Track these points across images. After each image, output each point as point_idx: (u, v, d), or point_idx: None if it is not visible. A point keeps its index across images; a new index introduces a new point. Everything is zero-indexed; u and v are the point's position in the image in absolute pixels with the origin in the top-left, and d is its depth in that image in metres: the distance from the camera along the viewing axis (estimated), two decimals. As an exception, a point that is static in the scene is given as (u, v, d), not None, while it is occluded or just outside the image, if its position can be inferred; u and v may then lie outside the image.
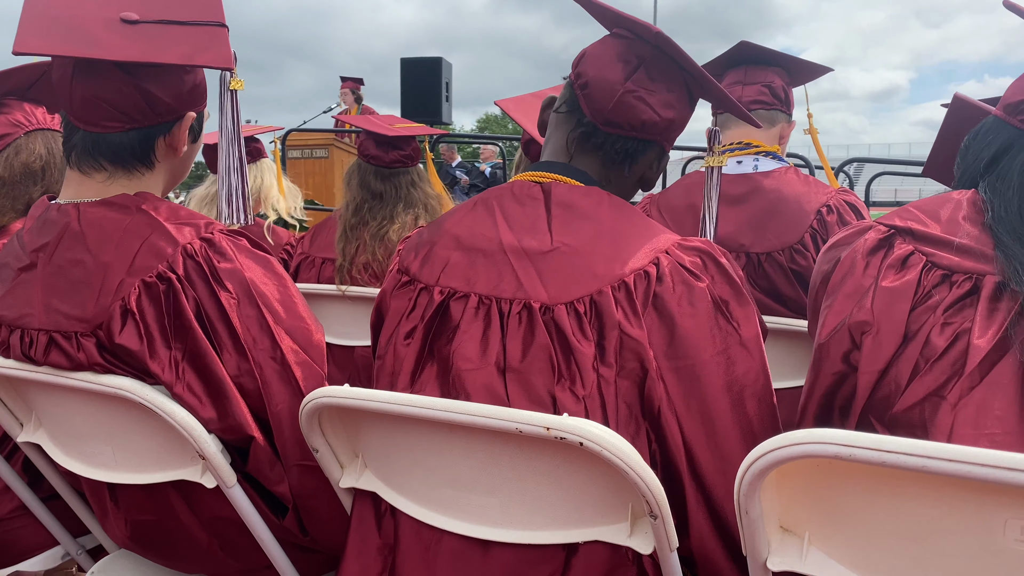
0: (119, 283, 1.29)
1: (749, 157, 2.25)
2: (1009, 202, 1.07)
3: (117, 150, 1.38)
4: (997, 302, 1.00)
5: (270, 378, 1.34)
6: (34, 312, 1.33)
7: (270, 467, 1.36)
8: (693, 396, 1.15)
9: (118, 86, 1.33)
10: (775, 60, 2.34)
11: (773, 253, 2.10)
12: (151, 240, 1.32)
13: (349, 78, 9.44)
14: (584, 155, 1.33)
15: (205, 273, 1.32)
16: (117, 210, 1.35)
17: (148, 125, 1.39)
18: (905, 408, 1.03)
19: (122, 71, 1.33)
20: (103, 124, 1.35)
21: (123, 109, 1.35)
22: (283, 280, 1.43)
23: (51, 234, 1.35)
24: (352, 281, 2.81)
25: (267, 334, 1.35)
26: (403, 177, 2.92)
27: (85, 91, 1.33)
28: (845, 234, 1.24)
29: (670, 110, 1.30)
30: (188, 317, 1.30)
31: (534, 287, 1.18)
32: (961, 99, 1.54)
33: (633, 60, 1.28)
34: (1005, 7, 1.22)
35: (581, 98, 1.30)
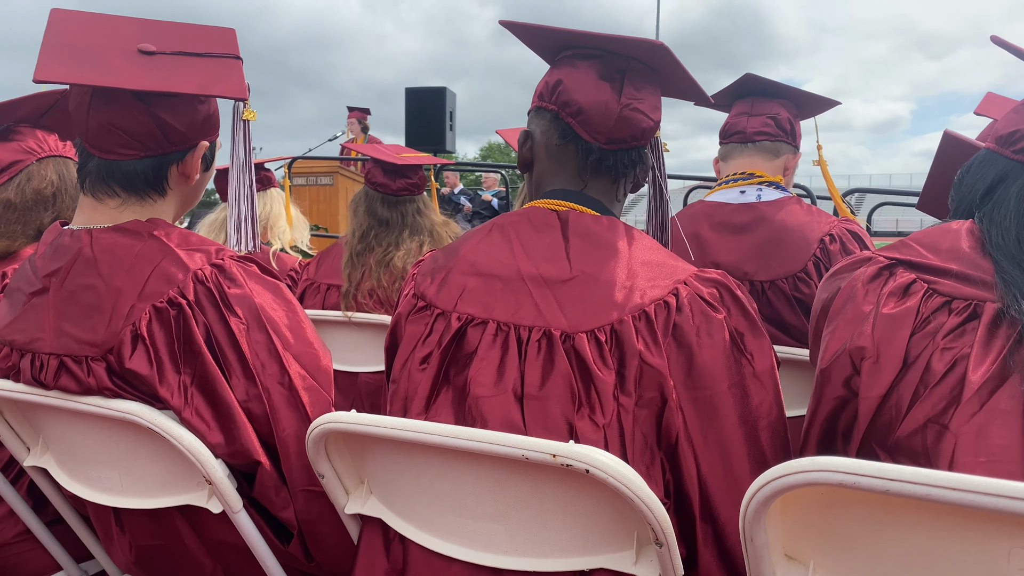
0: (130, 308, 1.30)
1: (752, 187, 2.27)
2: (1007, 230, 1.09)
3: (131, 177, 1.40)
4: (996, 328, 1.02)
5: (278, 403, 1.34)
6: (45, 336, 1.34)
7: (276, 492, 1.36)
8: (711, 428, 1.15)
9: (134, 114, 1.36)
10: (782, 93, 2.37)
11: (777, 281, 2.11)
12: (162, 266, 1.34)
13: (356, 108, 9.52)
14: (598, 179, 1.35)
15: (215, 298, 1.34)
16: (129, 236, 1.37)
17: (161, 153, 1.41)
18: (906, 434, 1.03)
19: (138, 100, 1.35)
20: (118, 151, 1.38)
21: (138, 137, 1.37)
22: (292, 305, 1.45)
23: (64, 259, 1.36)
24: (357, 307, 2.82)
25: (275, 359, 1.36)
26: (409, 205, 2.95)
27: (101, 119, 1.35)
28: (845, 263, 1.26)
29: (657, 111, 1.35)
30: (198, 342, 1.31)
31: (554, 315, 1.19)
32: (951, 136, 1.57)
33: (615, 76, 1.31)
34: (993, 42, 1.25)
35: (576, 125, 1.32)
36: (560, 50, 1.38)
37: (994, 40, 1.26)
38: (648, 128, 1.33)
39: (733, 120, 2.38)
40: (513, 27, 1.39)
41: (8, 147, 1.89)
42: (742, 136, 2.33)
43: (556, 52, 1.39)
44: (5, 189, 1.87)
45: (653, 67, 1.35)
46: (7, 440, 1.51)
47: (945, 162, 1.57)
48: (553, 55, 1.40)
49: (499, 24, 1.42)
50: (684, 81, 1.37)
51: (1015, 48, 1.24)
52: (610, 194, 1.37)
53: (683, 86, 1.40)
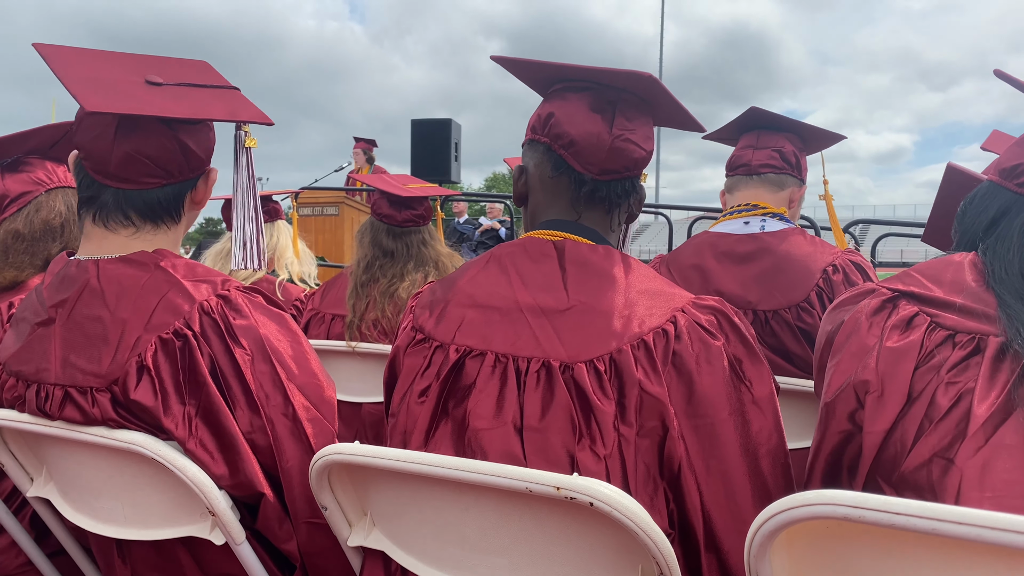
0: (136, 339, 1.31)
1: (756, 218, 2.28)
2: (1010, 263, 1.09)
3: (151, 205, 1.43)
4: (1000, 362, 1.02)
5: (282, 434, 1.35)
6: (51, 367, 1.34)
7: (279, 524, 1.35)
8: (713, 456, 1.15)
9: (162, 142, 1.38)
10: (788, 126, 2.39)
11: (780, 311, 2.11)
12: (168, 297, 1.35)
13: (362, 139, 9.59)
14: (592, 209, 1.36)
15: (221, 330, 1.35)
16: (136, 267, 1.38)
17: (182, 180, 1.44)
18: (912, 468, 1.03)
19: (166, 127, 1.38)
20: (142, 180, 1.40)
21: (163, 164, 1.40)
22: (296, 336, 1.46)
23: (70, 290, 1.37)
24: (362, 337, 2.82)
25: (280, 390, 1.36)
26: (414, 236, 2.96)
27: (129, 148, 1.37)
28: (849, 295, 1.26)
29: (649, 141, 1.36)
30: (203, 373, 1.31)
31: (552, 345, 1.19)
32: (954, 168, 1.58)
33: (607, 108, 1.33)
34: (996, 76, 1.26)
35: (568, 157, 1.33)
36: (552, 83, 1.40)
37: (997, 74, 1.28)
38: (640, 158, 1.35)
39: (739, 153, 2.40)
40: (505, 62, 1.41)
41: (18, 178, 1.92)
42: (747, 168, 2.35)
43: (548, 85, 1.41)
44: (14, 220, 1.89)
45: (644, 98, 1.36)
46: (11, 470, 1.51)
47: (949, 194, 1.58)
48: (545, 88, 1.42)
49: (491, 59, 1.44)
50: (675, 110, 1.39)
51: (1018, 82, 1.26)
52: (604, 224, 1.38)
53: (674, 115, 1.42)
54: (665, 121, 1.45)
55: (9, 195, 1.89)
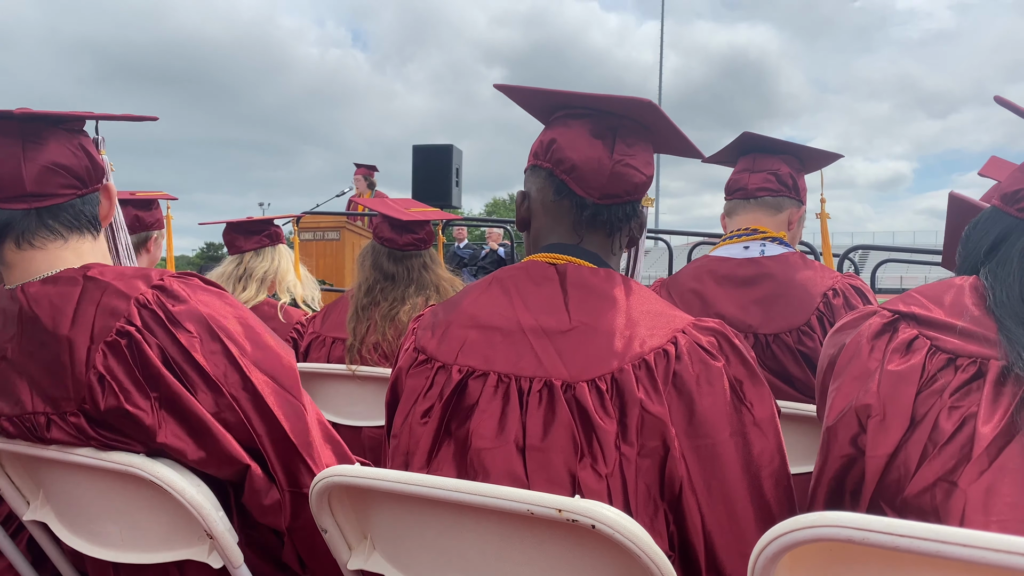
0: (87, 353, 1.29)
1: (756, 242, 2.29)
2: (1010, 287, 1.10)
3: (75, 213, 1.42)
4: (1002, 386, 1.01)
5: (247, 409, 1.34)
6: (24, 398, 1.33)
7: (265, 495, 1.35)
8: (714, 477, 1.15)
9: (71, 150, 1.39)
10: (783, 148, 2.41)
11: (781, 334, 2.12)
12: (104, 302, 1.33)
13: (363, 165, 9.64)
14: (594, 233, 1.37)
15: (161, 318, 1.33)
16: (63, 283, 1.35)
17: (90, 191, 1.45)
18: (915, 493, 1.02)
19: (70, 133, 1.40)
20: (60, 192, 1.39)
21: (77, 172, 1.41)
22: (241, 311, 1.45)
23: (12, 323, 1.35)
24: (362, 361, 2.82)
25: (235, 367, 1.35)
26: (415, 260, 2.97)
27: (43, 160, 1.36)
28: (850, 318, 1.26)
29: (649, 166, 1.38)
30: (155, 365, 1.30)
31: (554, 365, 1.20)
32: (956, 197, 1.59)
33: (607, 133, 1.34)
34: (996, 102, 1.27)
35: (570, 182, 1.35)
36: (553, 110, 1.42)
37: (997, 100, 1.29)
38: (641, 183, 1.36)
39: (736, 177, 2.42)
40: (507, 90, 1.43)
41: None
42: (744, 192, 2.37)
43: (550, 113, 1.43)
44: None
45: (644, 124, 1.38)
46: (7, 493, 1.50)
47: (955, 221, 1.59)
48: (547, 115, 1.44)
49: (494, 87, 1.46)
50: (674, 136, 1.41)
51: (1018, 108, 1.27)
52: (606, 248, 1.39)
53: (674, 141, 1.43)
54: (665, 147, 1.47)
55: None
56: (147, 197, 3.05)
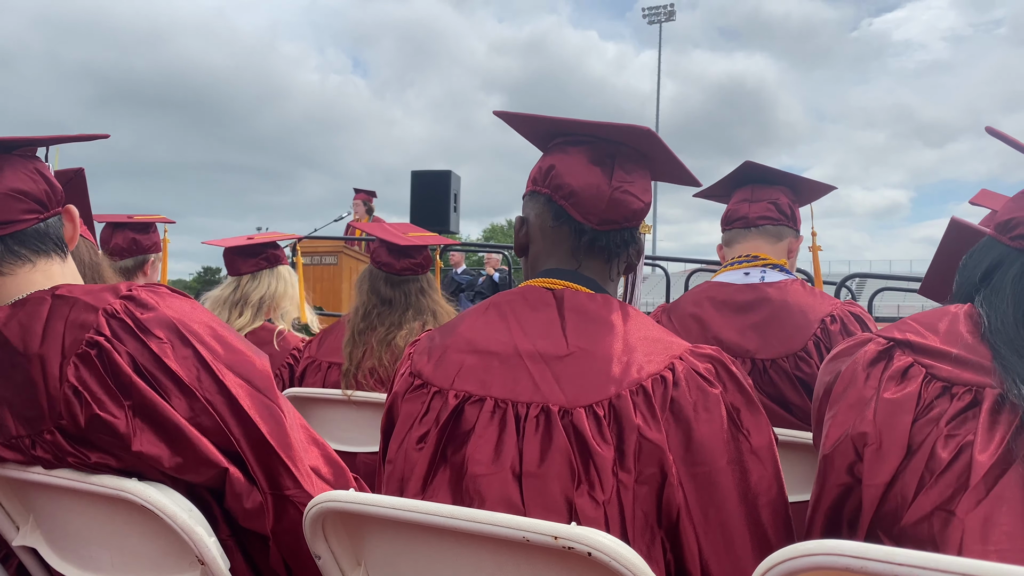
0: (59, 368, 1.29)
1: (756, 268, 2.31)
2: (1004, 314, 1.10)
3: (40, 236, 1.42)
4: (998, 414, 1.01)
5: (223, 413, 1.33)
6: (8, 424, 1.32)
7: (246, 497, 1.34)
8: (711, 505, 1.14)
9: (28, 175, 1.40)
10: (780, 179, 2.44)
11: (778, 360, 2.12)
12: (72, 316, 1.33)
13: (362, 190, 9.68)
14: (592, 260, 1.38)
15: (130, 327, 1.33)
16: (32, 304, 1.36)
17: (52, 214, 1.45)
18: (913, 522, 1.02)
19: (24, 158, 1.41)
20: (22, 218, 1.39)
21: (36, 197, 1.40)
22: (209, 316, 1.45)
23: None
24: (358, 386, 2.81)
25: (208, 371, 1.35)
26: (412, 284, 2.97)
27: (1, 188, 1.36)
28: (845, 346, 1.26)
29: (647, 193, 1.39)
30: (127, 373, 1.29)
31: (551, 390, 1.19)
32: (958, 222, 1.60)
33: (606, 160, 1.35)
34: (988, 133, 1.29)
35: (569, 207, 1.36)
36: (552, 137, 1.43)
37: (989, 131, 1.30)
38: (639, 209, 1.37)
39: (734, 207, 2.43)
40: (507, 116, 1.44)
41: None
42: (745, 222, 2.38)
43: (548, 140, 1.44)
44: None
45: (642, 151, 1.39)
46: (-2, 517, 1.48)
47: (950, 247, 1.59)
48: (546, 143, 1.45)
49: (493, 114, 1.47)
50: (672, 164, 1.41)
51: (1010, 139, 1.28)
52: (604, 274, 1.39)
53: (671, 169, 1.44)
54: (662, 175, 1.48)
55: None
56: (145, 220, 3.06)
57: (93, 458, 1.30)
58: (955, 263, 1.31)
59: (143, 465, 1.30)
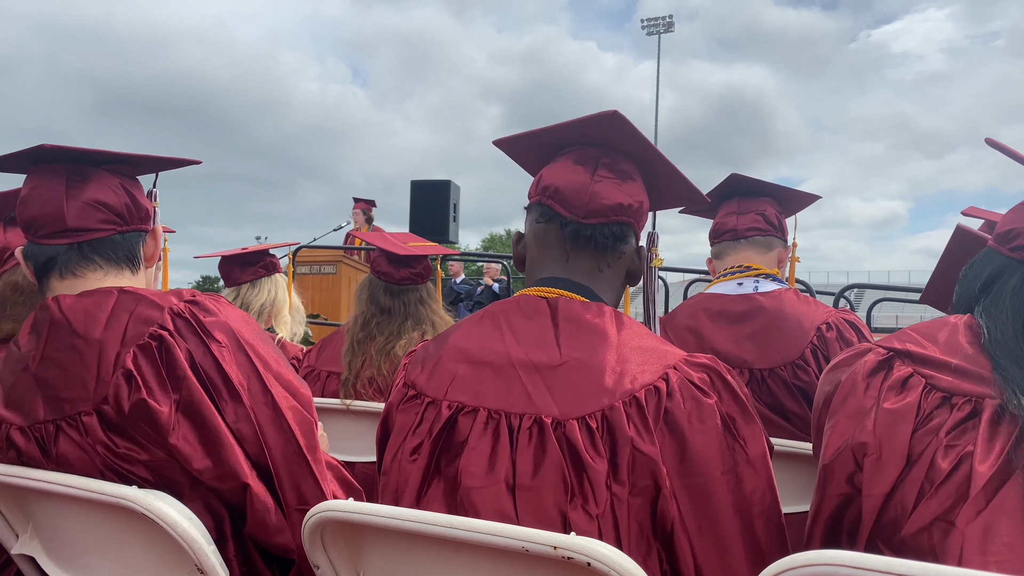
0: (116, 355, 1.34)
1: (750, 279, 2.31)
2: (1004, 325, 1.10)
3: (113, 247, 1.49)
4: (998, 425, 1.01)
5: (264, 422, 1.38)
6: (38, 408, 1.37)
7: (269, 513, 1.36)
8: (705, 516, 1.14)
9: (111, 188, 1.48)
10: (766, 191, 2.46)
11: (776, 369, 2.12)
12: (138, 311, 1.39)
13: (361, 199, 9.69)
14: (579, 253, 1.37)
15: (194, 327, 1.39)
16: (99, 295, 1.42)
17: (133, 229, 1.51)
18: (913, 533, 1.02)
19: (112, 175, 1.48)
20: (99, 227, 1.47)
21: (117, 210, 1.48)
22: (265, 335, 1.51)
23: (40, 332, 1.41)
24: (356, 395, 2.81)
25: (258, 379, 1.40)
26: (412, 294, 2.97)
27: (84, 197, 1.45)
28: (845, 356, 1.26)
29: (636, 193, 1.38)
30: (182, 367, 1.35)
31: (544, 401, 1.19)
32: (963, 230, 1.60)
33: (590, 161, 1.38)
34: (988, 144, 1.29)
35: (555, 205, 1.37)
36: (542, 159, 1.46)
37: (988, 142, 1.30)
38: (624, 204, 1.36)
39: (722, 220, 2.45)
40: (503, 145, 1.52)
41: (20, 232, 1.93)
42: (734, 234, 2.40)
43: (540, 164, 1.47)
44: (14, 272, 1.89)
45: (627, 153, 1.41)
46: (-3, 526, 1.48)
47: (954, 256, 1.59)
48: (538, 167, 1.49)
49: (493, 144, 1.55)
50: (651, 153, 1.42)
51: (1009, 150, 1.28)
52: (594, 269, 1.38)
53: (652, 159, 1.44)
54: (651, 174, 1.47)
55: (10, 248, 1.90)
56: (145, 229, 3.05)
57: (122, 447, 1.33)
58: (958, 271, 1.31)
59: (170, 464, 1.33)
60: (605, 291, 1.39)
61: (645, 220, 1.45)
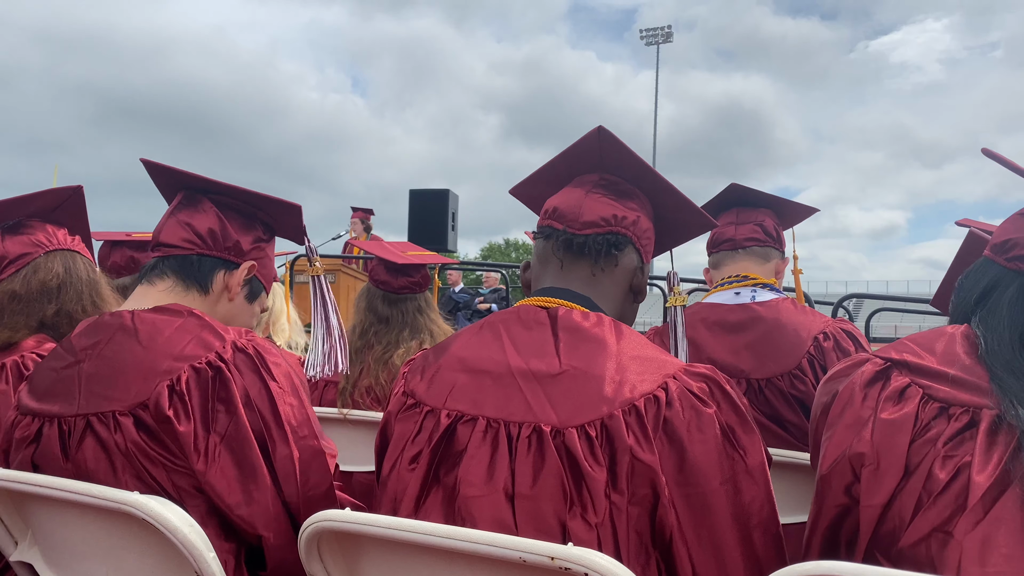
0: (167, 366, 1.37)
1: (747, 288, 2.31)
2: (1000, 336, 1.11)
3: (183, 263, 1.58)
4: (995, 436, 1.02)
5: (308, 463, 1.41)
6: (74, 400, 1.40)
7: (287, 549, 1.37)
8: (704, 526, 1.14)
9: (204, 214, 1.59)
10: (765, 202, 2.47)
11: (773, 379, 2.12)
12: (201, 335, 1.44)
13: (360, 208, 9.68)
14: (574, 262, 1.41)
15: (255, 363, 1.43)
16: (170, 313, 1.48)
17: (213, 255, 1.58)
18: (911, 543, 1.02)
19: (210, 203, 1.61)
20: (179, 244, 1.58)
21: (199, 231, 1.58)
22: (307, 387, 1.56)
23: (102, 334, 1.46)
24: (354, 404, 2.80)
25: (307, 423, 1.44)
26: (410, 303, 2.97)
27: (179, 218, 1.59)
28: (842, 366, 1.26)
29: (633, 211, 1.43)
30: (235, 401, 1.37)
31: (543, 410, 1.19)
32: (975, 234, 1.59)
33: (588, 183, 1.44)
34: (984, 154, 1.29)
35: (553, 222, 1.43)
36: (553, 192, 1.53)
37: (985, 152, 1.31)
38: (618, 215, 1.40)
39: (721, 230, 2.45)
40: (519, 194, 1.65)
41: (18, 240, 1.93)
42: (732, 244, 2.40)
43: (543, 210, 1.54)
44: (11, 281, 1.89)
45: (624, 178, 1.46)
46: (-4, 533, 1.48)
47: (965, 259, 1.59)
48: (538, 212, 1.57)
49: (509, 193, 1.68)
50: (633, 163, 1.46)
51: (1005, 160, 1.29)
52: (589, 279, 1.40)
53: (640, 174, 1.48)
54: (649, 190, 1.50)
55: (8, 256, 1.90)
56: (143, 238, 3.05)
57: (154, 451, 1.35)
58: None
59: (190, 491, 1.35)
60: (603, 300, 1.39)
61: (650, 239, 1.47)
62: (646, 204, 1.47)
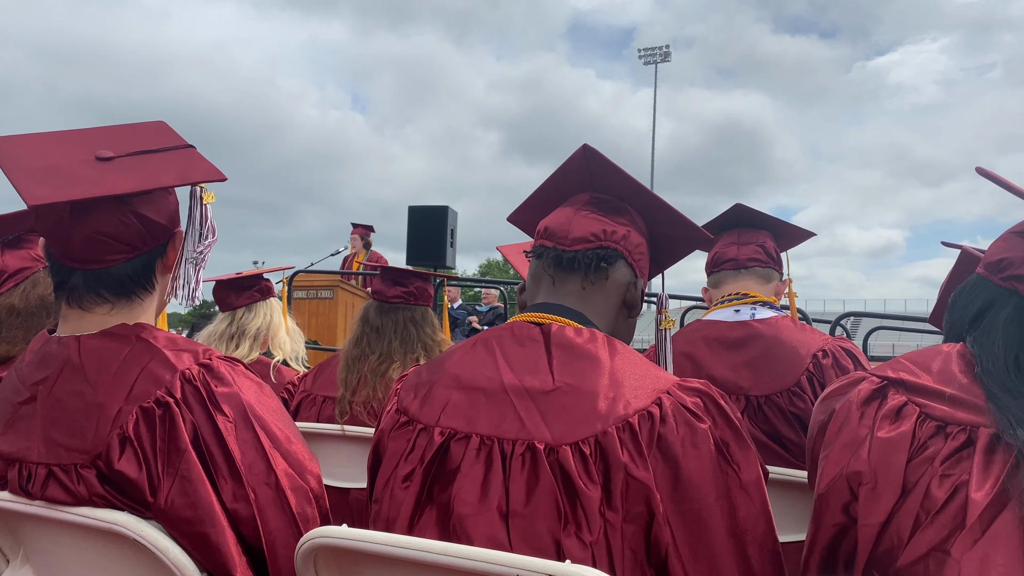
0: (118, 411, 1.30)
1: (747, 306, 2.32)
2: (996, 356, 1.11)
3: (121, 281, 1.41)
4: (992, 454, 1.02)
5: (264, 504, 1.32)
6: (33, 445, 1.33)
7: None
8: (700, 542, 1.13)
9: (119, 219, 1.37)
10: (765, 224, 2.50)
11: (772, 396, 2.12)
12: (150, 367, 1.34)
13: (360, 224, 9.71)
14: (564, 277, 1.41)
15: (203, 397, 1.33)
16: (117, 340, 1.37)
17: (148, 251, 1.44)
18: (909, 563, 1.01)
19: (121, 203, 1.37)
20: (107, 259, 1.39)
21: (126, 240, 1.39)
22: (278, 405, 1.46)
23: (52, 367, 1.36)
24: (352, 415, 2.79)
25: (263, 458, 1.34)
26: (402, 313, 2.96)
27: (87, 230, 1.35)
28: (839, 384, 1.26)
29: (623, 225, 1.44)
30: (183, 441, 1.29)
31: (537, 427, 1.18)
32: (969, 252, 1.60)
33: (578, 202, 1.46)
34: (978, 173, 1.30)
35: (545, 240, 1.44)
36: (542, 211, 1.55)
37: (980, 172, 1.31)
38: (607, 230, 1.41)
39: (722, 249, 2.47)
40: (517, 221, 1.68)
41: (18, 254, 1.93)
42: (735, 263, 2.42)
43: None
44: (10, 295, 1.89)
45: (615, 195, 1.48)
46: (-13, 551, 1.47)
47: (960, 278, 1.60)
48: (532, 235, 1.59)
49: None
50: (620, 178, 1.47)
51: (999, 179, 1.29)
52: (580, 293, 1.40)
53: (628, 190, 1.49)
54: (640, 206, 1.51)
55: (7, 271, 1.90)
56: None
57: (118, 499, 1.29)
58: None
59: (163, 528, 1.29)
60: (596, 315, 1.39)
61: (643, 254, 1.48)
62: (637, 219, 1.47)
